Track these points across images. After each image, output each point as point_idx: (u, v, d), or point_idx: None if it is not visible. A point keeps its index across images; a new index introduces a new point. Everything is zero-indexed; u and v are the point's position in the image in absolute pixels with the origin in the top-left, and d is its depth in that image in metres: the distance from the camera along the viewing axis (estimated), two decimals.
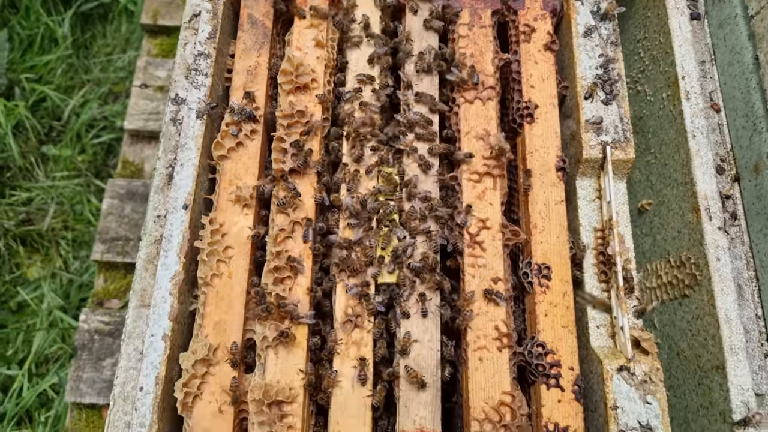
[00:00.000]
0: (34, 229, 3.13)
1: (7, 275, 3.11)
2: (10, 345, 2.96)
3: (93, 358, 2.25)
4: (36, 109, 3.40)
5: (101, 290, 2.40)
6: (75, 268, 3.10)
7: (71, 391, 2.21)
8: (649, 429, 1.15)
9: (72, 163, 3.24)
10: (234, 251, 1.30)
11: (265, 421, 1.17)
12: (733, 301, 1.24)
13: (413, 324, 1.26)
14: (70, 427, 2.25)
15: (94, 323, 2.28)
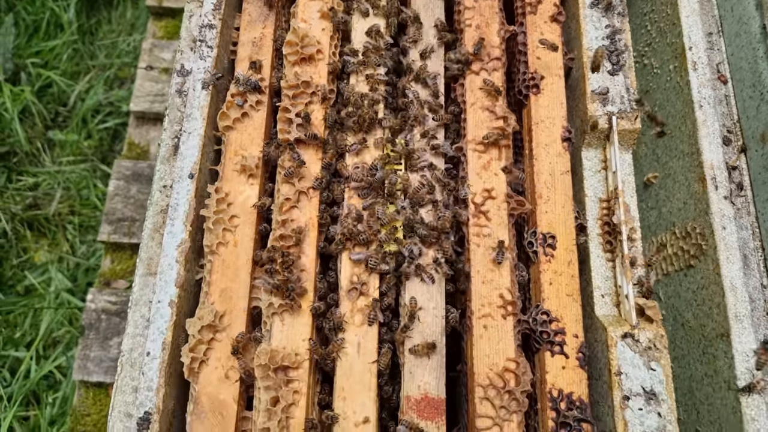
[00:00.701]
0: (40, 213, 3.15)
1: (14, 259, 3.13)
2: (17, 328, 2.99)
3: (100, 337, 2.27)
4: (42, 95, 3.41)
5: (108, 271, 2.42)
6: (82, 252, 3.12)
7: (79, 370, 2.23)
8: (653, 395, 1.16)
9: (78, 148, 3.26)
10: (240, 220, 1.30)
11: (271, 386, 1.18)
12: (739, 270, 1.24)
13: (418, 292, 1.26)
14: (78, 404, 2.28)
15: (101, 303, 2.30)
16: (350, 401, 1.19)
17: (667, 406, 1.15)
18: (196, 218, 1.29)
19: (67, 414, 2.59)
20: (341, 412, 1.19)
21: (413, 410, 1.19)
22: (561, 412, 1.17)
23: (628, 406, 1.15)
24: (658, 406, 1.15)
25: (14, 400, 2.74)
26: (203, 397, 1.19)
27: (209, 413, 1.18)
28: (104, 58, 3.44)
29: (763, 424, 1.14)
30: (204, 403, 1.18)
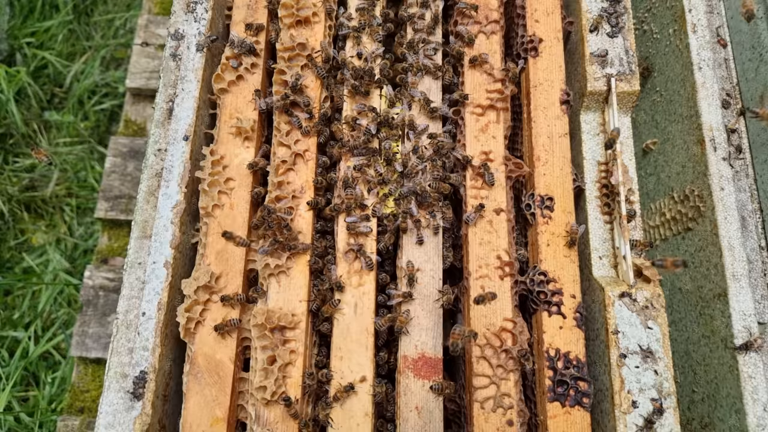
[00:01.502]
0: (37, 195, 3.14)
1: (11, 241, 3.12)
2: (16, 310, 2.99)
3: (98, 313, 2.27)
4: (38, 76, 3.39)
5: (105, 248, 2.41)
6: (80, 234, 3.11)
7: (77, 346, 2.23)
8: (650, 353, 1.15)
9: (75, 130, 3.24)
10: (235, 183, 1.30)
11: (267, 346, 1.18)
12: (737, 230, 1.23)
13: (415, 253, 1.26)
14: (77, 381, 2.28)
15: (98, 280, 2.30)
16: (347, 360, 1.19)
17: (664, 364, 1.15)
18: (191, 180, 1.29)
19: (66, 392, 2.59)
20: (338, 371, 1.18)
21: (410, 369, 1.19)
22: (558, 371, 1.17)
23: (624, 363, 1.15)
24: (655, 364, 1.15)
25: (12, 378, 2.73)
26: (200, 357, 1.18)
27: (206, 373, 1.17)
28: (100, 39, 3.41)
29: (760, 382, 1.14)
30: (200, 364, 1.18)
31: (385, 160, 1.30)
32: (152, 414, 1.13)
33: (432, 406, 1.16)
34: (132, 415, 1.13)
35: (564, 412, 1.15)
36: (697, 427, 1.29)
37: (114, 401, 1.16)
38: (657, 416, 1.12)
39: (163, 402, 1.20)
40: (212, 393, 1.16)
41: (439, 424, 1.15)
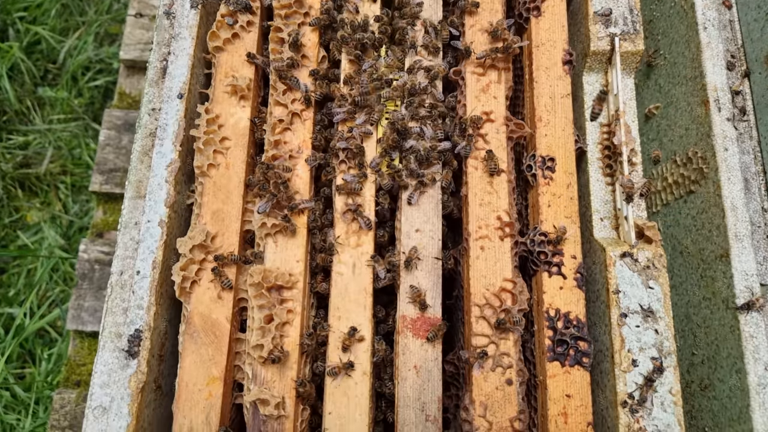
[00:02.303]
0: (32, 172, 3.10)
1: (6, 218, 3.09)
2: (11, 287, 2.97)
3: (94, 287, 2.25)
4: (31, 52, 3.33)
5: (100, 222, 2.38)
6: (75, 211, 3.08)
7: (72, 320, 2.21)
8: (651, 312, 1.14)
9: (69, 106, 3.20)
10: (231, 143, 1.27)
11: (264, 305, 1.16)
12: (740, 191, 1.22)
13: (415, 214, 1.24)
14: (73, 354, 2.27)
15: (94, 253, 2.27)
16: (345, 320, 1.18)
17: (665, 324, 1.14)
18: (186, 139, 1.26)
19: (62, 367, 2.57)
20: (336, 331, 1.17)
21: (409, 329, 1.17)
22: (558, 331, 1.16)
23: (625, 323, 1.14)
24: (656, 323, 1.14)
25: (6, 353, 2.71)
26: (195, 317, 1.17)
27: (202, 333, 1.16)
28: (94, 14, 3.36)
29: (761, 341, 1.13)
30: (196, 323, 1.16)
31: (385, 119, 1.27)
32: (147, 372, 1.12)
33: (431, 366, 1.15)
34: (127, 374, 1.11)
35: (564, 371, 1.15)
36: (697, 389, 1.28)
37: (109, 361, 1.15)
38: (657, 375, 1.11)
39: (159, 362, 1.18)
40: (208, 352, 1.15)
41: (437, 383, 1.14)
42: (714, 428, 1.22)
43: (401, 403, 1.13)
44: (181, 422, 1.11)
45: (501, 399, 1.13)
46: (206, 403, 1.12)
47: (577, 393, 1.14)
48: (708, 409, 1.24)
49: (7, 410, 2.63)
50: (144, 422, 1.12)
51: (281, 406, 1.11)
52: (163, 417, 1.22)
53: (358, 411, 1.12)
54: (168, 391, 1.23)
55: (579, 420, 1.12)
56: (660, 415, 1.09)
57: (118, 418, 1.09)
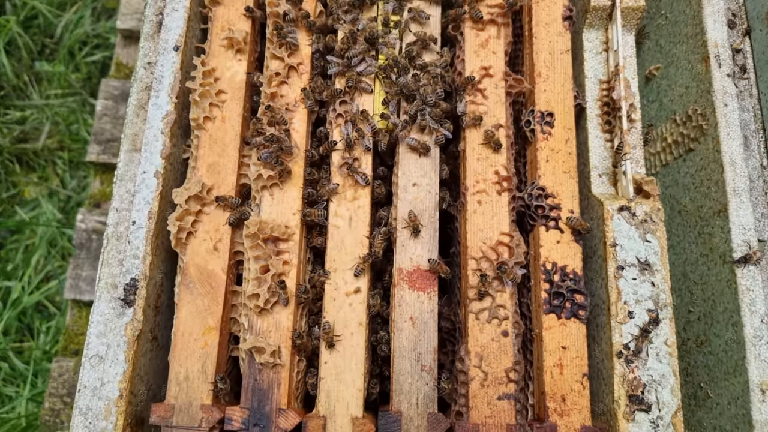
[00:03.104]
0: (29, 147, 3.09)
1: (3, 194, 3.08)
2: (9, 262, 2.97)
3: (91, 256, 2.24)
4: (28, 26, 3.31)
5: (98, 192, 2.38)
6: (72, 186, 3.07)
7: (70, 289, 2.21)
8: (648, 265, 1.14)
9: (66, 81, 3.18)
10: (227, 96, 1.26)
11: (260, 256, 1.16)
12: (739, 146, 1.21)
13: (412, 168, 1.23)
14: (71, 324, 2.27)
15: (91, 223, 2.27)
16: (341, 272, 1.17)
17: (661, 276, 1.14)
18: (182, 92, 1.25)
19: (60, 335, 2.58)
20: (332, 283, 1.17)
21: (405, 282, 1.17)
22: (554, 284, 1.16)
23: (621, 275, 1.13)
24: (652, 276, 1.14)
25: (2, 322, 2.71)
26: (191, 267, 1.17)
27: (197, 283, 1.16)
28: None
29: (757, 294, 1.13)
30: (192, 274, 1.16)
31: (382, 71, 1.26)
32: (143, 321, 1.12)
33: (426, 317, 1.15)
34: (123, 322, 1.11)
35: (560, 324, 1.15)
36: (693, 346, 1.28)
37: (105, 311, 1.15)
38: (653, 326, 1.11)
39: (155, 313, 1.18)
40: (204, 303, 1.15)
41: (433, 334, 1.14)
42: (710, 383, 1.22)
43: (397, 353, 1.13)
44: (177, 371, 1.11)
45: (496, 350, 1.13)
46: (202, 352, 1.12)
47: (572, 345, 1.14)
48: (704, 364, 1.24)
49: (6, 383, 2.64)
50: (140, 370, 1.12)
51: (277, 355, 1.11)
52: (160, 368, 1.22)
53: (354, 360, 1.13)
54: (164, 343, 1.23)
55: (574, 371, 1.12)
56: (655, 366, 1.09)
57: (115, 365, 1.09)
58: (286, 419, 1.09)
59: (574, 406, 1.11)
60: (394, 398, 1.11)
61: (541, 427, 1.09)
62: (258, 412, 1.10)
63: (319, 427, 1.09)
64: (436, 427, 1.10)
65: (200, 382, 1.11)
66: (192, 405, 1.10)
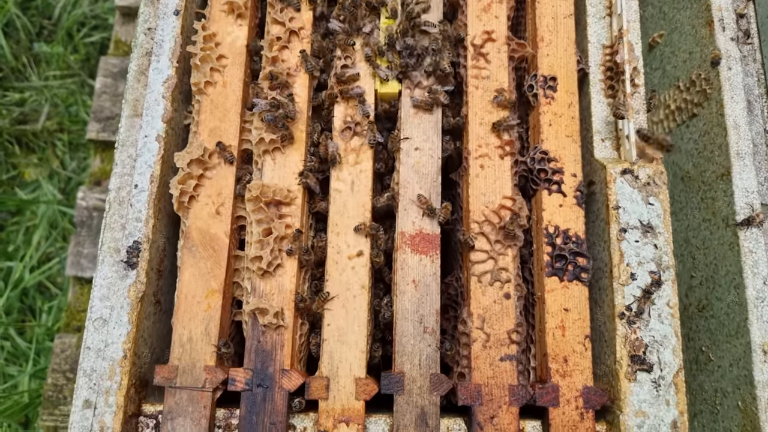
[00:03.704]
0: (29, 129, 3.08)
1: (4, 175, 3.08)
2: (10, 244, 2.97)
3: (92, 234, 2.25)
4: (26, 8, 3.29)
5: (98, 170, 2.37)
6: (72, 168, 3.07)
7: (72, 266, 2.21)
8: (650, 227, 1.14)
9: (65, 62, 3.16)
10: (228, 61, 1.25)
11: (263, 219, 1.16)
12: (742, 109, 1.21)
13: (414, 132, 1.23)
14: (73, 301, 2.28)
15: (92, 201, 2.27)
16: (344, 236, 1.18)
17: (664, 239, 1.14)
18: (182, 56, 1.24)
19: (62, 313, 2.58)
20: (335, 246, 1.17)
21: (408, 245, 1.17)
22: (557, 246, 1.16)
23: (624, 238, 1.13)
24: (655, 239, 1.14)
25: (3, 299, 2.71)
26: (194, 231, 1.16)
27: (200, 247, 1.16)
28: None
29: (760, 256, 1.13)
30: (194, 237, 1.16)
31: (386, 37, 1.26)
32: (146, 283, 1.12)
33: (429, 280, 1.15)
34: (126, 284, 1.11)
35: (562, 286, 1.15)
36: (695, 311, 1.29)
37: (108, 274, 1.15)
38: (655, 288, 1.11)
39: (158, 277, 1.18)
40: (207, 266, 1.15)
41: (435, 297, 1.14)
42: (711, 346, 1.22)
43: (399, 315, 1.14)
44: (181, 333, 1.12)
45: (499, 312, 1.14)
46: (205, 314, 1.13)
47: (575, 307, 1.14)
48: (705, 328, 1.25)
49: (8, 363, 2.66)
50: (144, 333, 1.13)
51: (280, 316, 1.11)
52: (163, 333, 1.22)
53: (357, 323, 1.13)
54: (167, 308, 1.23)
55: (576, 333, 1.13)
56: (657, 327, 1.10)
57: (118, 326, 1.09)
58: (289, 380, 1.10)
59: (576, 367, 1.11)
60: (396, 359, 1.12)
61: (543, 387, 1.10)
62: (261, 373, 1.10)
63: (322, 388, 1.10)
64: (439, 387, 1.10)
65: (203, 343, 1.11)
66: (195, 366, 1.10)
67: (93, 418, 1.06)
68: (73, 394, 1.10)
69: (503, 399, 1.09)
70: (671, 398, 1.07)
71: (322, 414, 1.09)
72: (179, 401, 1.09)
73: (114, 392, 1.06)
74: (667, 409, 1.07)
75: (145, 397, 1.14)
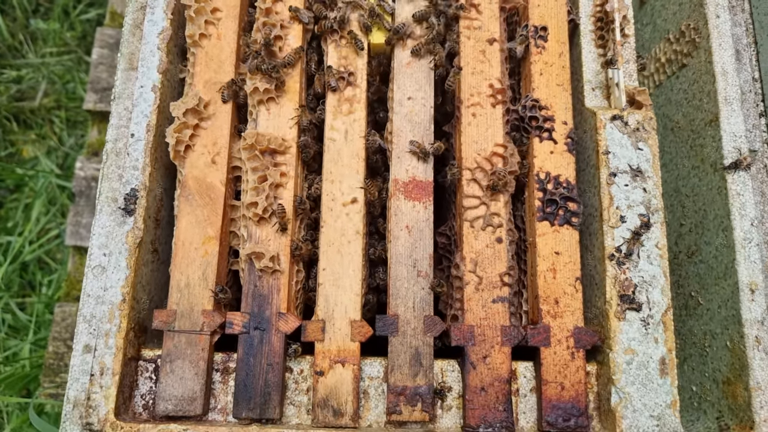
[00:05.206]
0: (26, 106, 3.09)
1: (2, 152, 3.09)
2: (9, 220, 2.98)
3: (91, 203, 2.26)
4: None
5: (96, 141, 2.38)
6: (70, 144, 3.07)
7: (71, 236, 2.23)
8: (639, 172, 1.16)
9: (61, 39, 3.16)
10: (222, 14, 1.26)
11: (258, 167, 1.18)
12: (731, 56, 1.22)
13: (407, 82, 1.24)
14: (72, 270, 2.30)
15: (90, 171, 2.28)
16: (338, 183, 1.19)
17: (653, 183, 1.16)
18: (177, 9, 1.25)
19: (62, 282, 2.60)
20: (329, 194, 1.19)
21: (401, 192, 1.19)
22: (548, 192, 1.18)
23: (614, 182, 1.15)
24: (644, 182, 1.15)
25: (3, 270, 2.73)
26: (190, 180, 1.18)
27: (197, 195, 1.17)
28: None
29: (747, 198, 1.15)
30: (191, 186, 1.18)
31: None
32: (144, 230, 1.14)
33: (422, 225, 1.17)
34: (124, 230, 1.13)
35: (553, 230, 1.17)
36: (684, 258, 1.31)
37: (106, 223, 1.17)
38: (644, 230, 1.13)
39: (155, 226, 1.20)
40: (204, 213, 1.17)
41: (429, 242, 1.16)
42: (700, 290, 1.25)
43: (394, 260, 1.16)
44: (178, 278, 1.14)
45: (491, 256, 1.16)
46: (202, 260, 1.15)
47: (566, 250, 1.16)
48: (695, 273, 1.27)
49: (9, 336, 2.68)
50: (142, 279, 1.15)
51: (276, 261, 1.13)
52: (161, 282, 1.24)
53: (352, 267, 1.15)
54: (165, 258, 1.25)
55: (567, 275, 1.15)
56: (646, 267, 1.12)
57: (117, 271, 1.11)
58: (285, 323, 1.12)
59: (567, 309, 1.14)
60: (391, 303, 1.14)
61: (534, 328, 1.12)
62: (258, 316, 1.12)
63: (318, 330, 1.12)
64: (432, 328, 1.13)
65: (201, 288, 1.14)
66: (193, 310, 1.12)
67: (93, 360, 1.08)
68: (74, 339, 1.12)
69: (495, 339, 1.12)
70: (660, 336, 1.10)
71: (318, 355, 1.11)
72: (178, 344, 1.11)
73: (113, 334, 1.08)
74: (655, 346, 1.09)
75: (144, 343, 1.17)
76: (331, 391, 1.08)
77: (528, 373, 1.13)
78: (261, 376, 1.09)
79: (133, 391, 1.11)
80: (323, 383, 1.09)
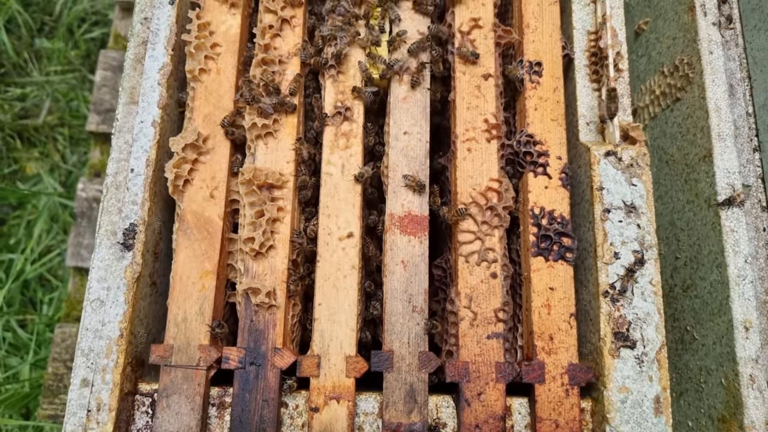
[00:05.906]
0: (30, 123, 3.12)
1: (5, 169, 3.12)
2: (11, 237, 3.01)
3: (92, 224, 2.28)
4: (27, 4, 3.33)
5: (98, 162, 2.41)
6: (73, 162, 3.10)
7: (72, 257, 2.25)
8: (633, 208, 1.17)
9: (65, 58, 3.20)
10: (222, 49, 1.28)
11: (255, 202, 1.19)
12: (724, 92, 1.23)
13: (403, 117, 1.26)
14: (73, 291, 2.31)
15: (92, 192, 2.30)
16: (334, 218, 1.20)
17: (647, 219, 1.16)
18: (177, 45, 1.27)
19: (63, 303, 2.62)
20: (325, 228, 1.20)
21: (397, 227, 1.20)
22: (542, 227, 1.19)
23: (608, 218, 1.16)
24: (638, 218, 1.16)
25: (5, 290, 2.74)
26: (188, 214, 1.20)
27: (195, 229, 1.19)
28: None
29: (741, 235, 1.16)
30: (189, 220, 1.19)
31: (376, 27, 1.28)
32: (142, 264, 1.15)
33: (417, 260, 1.18)
34: (123, 265, 1.14)
35: (547, 266, 1.17)
36: (679, 291, 1.31)
37: (105, 257, 1.18)
38: (638, 266, 1.14)
39: (154, 259, 1.21)
40: (202, 248, 1.18)
41: (424, 277, 1.17)
42: (696, 325, 1.25)
43: (389, 295, 1.16)
44: (176, 313, 1.15)
45: (486, 291, 1.16)
46: (200, 294, 1.16)
47: (560, 286, 1.17)
48: (690, 308, 1.27)
49: (9, 354, 2.69)
50: (140, 313, 1.16)
51: (272, 296, 1.14)
52: (159, 314, 1.25)
53: (347, 302, 1.16)
54: (163, 290, 1.26)
55: (562, 311, 1.15)
56: (640, 304, 1.12)
57: (115, 305, 1.12)
58: (281, 358, 1.13)
59: (562, 345, 1.14)
60: (386, 338, 1.15)
61: (529, 364, 1.13)
62: (254, 351, 1.13)
63: (313, 365, 1.13)
64: (427, 365, 1.13)
65: (198, 323, 1.14)
66: (190, 345, 1.13)
67: (90, 395, 1.09)
68: (71, 373, 1.13)
69: (490, 376, 1.12)
70: (654, 374, 1.10)
71: (313, 391, 1.12)
72: (174, 379, 1.12)
73: (110, 370, 1.09)
74: (650, 384, 1.09)
75: (142, 377, 1.18)
76: (326, 427, 1.09)
77: (523, 410, 1.14)
78: (256, 411, 1.10)
79: (130, 426, 1.12)
80: (318, 420, 1.09)
